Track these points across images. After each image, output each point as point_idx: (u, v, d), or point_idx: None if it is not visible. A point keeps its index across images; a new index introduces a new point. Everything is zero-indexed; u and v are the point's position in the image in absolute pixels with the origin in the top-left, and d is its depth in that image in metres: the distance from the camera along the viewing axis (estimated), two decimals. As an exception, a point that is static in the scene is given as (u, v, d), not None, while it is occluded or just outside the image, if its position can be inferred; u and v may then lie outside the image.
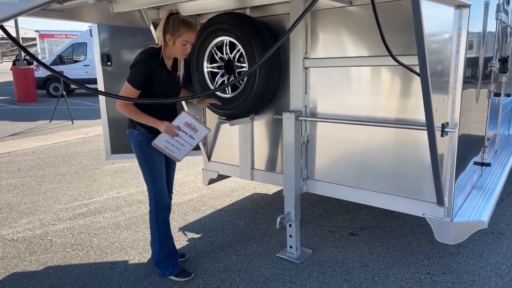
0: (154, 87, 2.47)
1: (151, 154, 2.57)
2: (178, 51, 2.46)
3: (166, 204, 2.67)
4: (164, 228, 2.69)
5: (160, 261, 2.71)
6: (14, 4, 1.10)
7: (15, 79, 13.26)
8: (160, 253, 2.69)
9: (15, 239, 3.40)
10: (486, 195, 2.89)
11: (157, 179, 2.61)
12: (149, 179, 2.61)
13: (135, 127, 2.56)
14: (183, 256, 3.02)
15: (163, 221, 2.67)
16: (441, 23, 2.23)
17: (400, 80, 2.46)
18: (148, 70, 2.42)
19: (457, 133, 2.31)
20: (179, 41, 2.41)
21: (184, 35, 2.40)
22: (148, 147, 2.54)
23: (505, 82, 3.73)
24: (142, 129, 2.54)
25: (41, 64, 1.54)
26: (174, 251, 2.77)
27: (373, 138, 2.63)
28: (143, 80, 2.42)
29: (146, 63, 2.42)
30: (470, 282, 2.65)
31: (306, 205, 4.05)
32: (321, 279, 2.72)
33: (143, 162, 2.59)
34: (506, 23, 3.53)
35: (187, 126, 2.54)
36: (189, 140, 2.58)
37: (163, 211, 2.66)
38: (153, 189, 2.61)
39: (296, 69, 2.84)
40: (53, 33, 22.18)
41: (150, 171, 2.59)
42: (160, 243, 2.67)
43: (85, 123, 9.27)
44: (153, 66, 2.43)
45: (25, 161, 6.01)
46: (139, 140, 2.56)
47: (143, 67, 2.41)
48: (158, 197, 2.62)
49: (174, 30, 2.39)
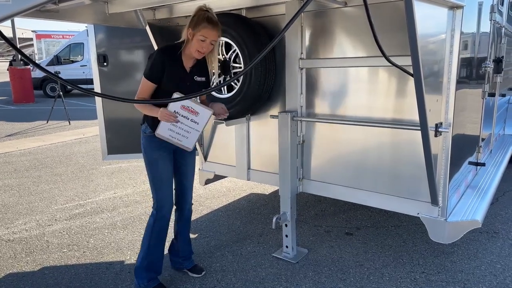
0: (165, 82, 2.33)
1: (155, 159, 2.45)
2: (194, 46, 2.31)
3: (167, 213, 2.52)
4: (157, 238, 2.53)
5: (139, 269, 2.53)
6: (7, 6, 1.11)
7: (11, 79, 13.23)
8: (143, 261, 2.51)
9: (12, 240, 3.40)
10: (480, 195, 2.91)
11: (160, 185, 2.47)
12: (152, 184, 2.50)
13: (143, 126, 2.46)
14: (201, 270, 2.80)
15: (159, 230, 2.52)
16: (434, 24, 2.24)
17: (396, 81, 2.47)
18: (161, 60, 2.30)
19: (451, 133, 2.33)
20: (197, 35, 2.28)
21: (203, 30, 2.27)
22: (152, 151, 2.44)
23: (499, 82, 3.75)
24: (148, 131, 2.43)
25: (35, 65, 1.54)
26: (158, 267, 2.57)
27: (369, 138, 2.64)
28: (156, 72, 2.30)
29: (160, 54, 2.32)
30: (464, 281, 2.66)
31: (302, 205, 4.06)
32: (317, 278, 2.73)
33: (147, 165, 2.48)
34: (500, 23, 3.56)
35: (185, 109, 2.34)
36: (193, 125, 2.38)
37: (162, 219, 2.51)
38: (155, 195, 2.49)
39: (291, 69, 2.85)
40: (50, 33, 22.11)
41: (153, 178, 2.47)
42: (147, 251, 2.51)
43: (82, 124, 9.25)
44: (166, 57, 2.31)
45: (22, 162, 5.99)
46: (144, 143, 2.47)
47: (156, 58, 2.31)
48: (159, 205, 2.49)
49: (195, 25, 2.28)
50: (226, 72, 3.09)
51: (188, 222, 2.76)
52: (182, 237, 2.76)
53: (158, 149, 2.45)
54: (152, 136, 2.40)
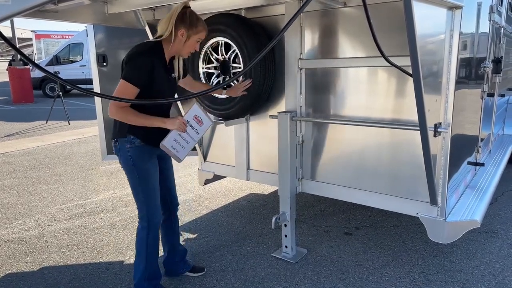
0: (153, 86, 2.15)
1: (147, 170, 2.26)
2: (189, 48, 2.22)
3: (158, 221, 2.39)
4: (153, 248, 2.40)
5: (141, 281, 2.40)
6: (7, 6, 1.11)
7: (11, 79, 13.23)
8: (144, 273, 2.39)
9: (11, 240, 3.40)
10: (479, 195, 2.92)
11: (152, 197, 2.30)
12: (142, 198, 2.28)
13: (126, 138, 2.21)
14: (202, 270, 2.82)
15: (153, 240, 2.38)
16: (433, 24, 2.25)
17: (395, 81, 2.48)
18: (149, 63, 2.10)
19: (450, 133, 2.33)
20: (195, 37, 2.18)
21: (201, 32, 2.20)
22: (144, 162, 2.24)
23: (498, 82, 3.76)
24: (137, 141, 2.21)
25: (34, 65, 1.54)
26: (157, 272, 2.49)
27: (368, 139, 2.65)
28: (145, 75, 2.10)
29: (148, 55, 2.11)
30: (463, 281, 2.67)
31: (301, 205, 4.07)
32: (316, 278, 2.73)
33: (136, 179, 2.25)
34: (499, 24, 3.56)
35: (195, 119, 2.27)
36: (194, 136, 2.29)
37: (155, 229, 2.37)
38: (146, 208, 2.30)
39: (291, 69, 2.85)
40: (49, 33, 22.10)
41: (144, 190, 2.27)
42: (146, 263, 2.38)
43: (81, 124, 9.25)
44: (155, 60, 2.13)
45: (21, 162, 5.99)
46: (132, 155, 2.21)
47: (144, 60, 2.09)
48: (151, 216, 2.32)
49: (192, 25, 2.15)
50: (226, 73, 3.09)
51: (178, 222, 2.71)
52: (176, 237, 2.70)
53: (150, 158, 2.29)
54: (142, 146, 2.23)
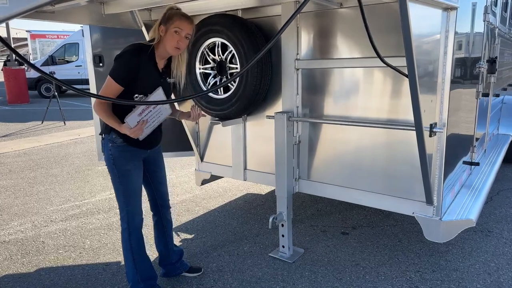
0: (138, 86, 2.16)
1: (128, 170, 2.26)
2: (169, 41, 2.16)
3: (139, 222, 2.38)
4: (138, 249, 2.39)
5: (136, 283, 2.41)
6: (4, 8, 1.11)
7: (6, 79, 13.16)
8: (136, 276, 2.39)
9: (7, 241, 3.39)
10: (474, 194, 2.94)
11: (132, 198, 2.31)
12: (122, 198, 2.29)
13: (109, 135, 2.23)
14: (199, 270, 2.82)
15: (137, 241, 2.37)
16: (429, 25, 2.26)
17: (391, 81, 2.49)
18: (135, 62, 2.12)
19: (445, 133, 2.35)
20: (171, 29, 2.15)
21: (177, 21, 2.14)
22: (124, 163, 2.25)
23: (493, 82, 3.78)
24: (119, 141, 2.22)
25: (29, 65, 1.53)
26: (152, 273, 2.48)
27: (364, 139, 2.66)
28: (127, 73, 2.11)
29: (133, 54, 2.13)
30: (459, 280, 2.69)
31: (298, 205, 4.08)
32: (313, 278, 2.74)
33: (116, 179, 2.27)
34: (494, 24, 3.59)
35: (144, 111, 2.18)
36: (158, 108, 2.23)
37: (136, 230, 2.37)
38: (126, 209, 2.31)
39: (287, 70, 2.86)
40: (44, 33, 21.98)
41: (124, 190, 2.28)
42: (134, 265, 2.38)
43: (77, 124, 9.22)
44: (141, 59, 2.14)
45: (17, 163, 5.97)
46: (113, 153, 2.23)
47: (129, 58, 2.12)
48: (131, 217, 2.33)
49: (168, 19, 2.15)
50: (223, 73, 3.10)
51: (171, 224, 2.69)
52: (169, 240, 2.67)
53: (132, 159, 2.29)
54: (124, 146, 2.23)
